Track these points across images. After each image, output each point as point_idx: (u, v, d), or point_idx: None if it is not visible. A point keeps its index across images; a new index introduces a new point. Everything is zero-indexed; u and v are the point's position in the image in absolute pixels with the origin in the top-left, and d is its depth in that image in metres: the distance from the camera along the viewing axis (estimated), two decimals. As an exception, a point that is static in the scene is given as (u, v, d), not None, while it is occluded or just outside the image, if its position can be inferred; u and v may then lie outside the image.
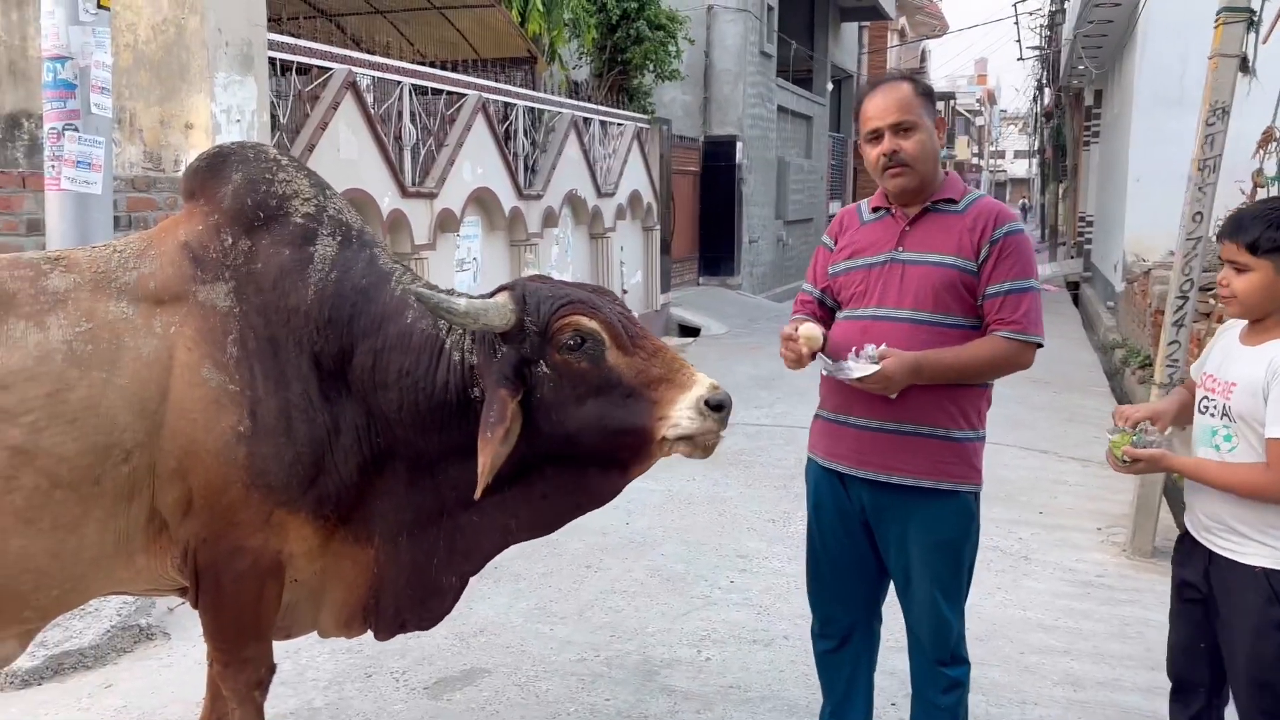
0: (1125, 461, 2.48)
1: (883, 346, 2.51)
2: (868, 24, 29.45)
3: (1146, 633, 4.20)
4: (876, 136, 2.60)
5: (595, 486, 2.53)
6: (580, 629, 4.14)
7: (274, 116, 6.57)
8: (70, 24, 3.71)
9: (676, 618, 4.26)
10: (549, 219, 10.04)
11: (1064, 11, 24.88)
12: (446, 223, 8.28)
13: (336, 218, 2.60)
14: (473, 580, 2.65)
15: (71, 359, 2.24)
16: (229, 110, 5.91)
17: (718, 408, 2.30)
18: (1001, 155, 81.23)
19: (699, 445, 2.35)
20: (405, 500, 2.56)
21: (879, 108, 2.59)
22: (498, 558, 4.64)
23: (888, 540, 2.68)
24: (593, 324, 2.36)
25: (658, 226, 13.06)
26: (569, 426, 2.36)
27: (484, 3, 9.07)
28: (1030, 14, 29.08)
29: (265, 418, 2.40)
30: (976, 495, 2.68)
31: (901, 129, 2.57)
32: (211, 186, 2.51)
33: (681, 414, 2.29)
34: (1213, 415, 2.47)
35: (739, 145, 16.34)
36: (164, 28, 5.81)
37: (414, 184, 7.88)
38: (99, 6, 3.74)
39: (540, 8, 9.87)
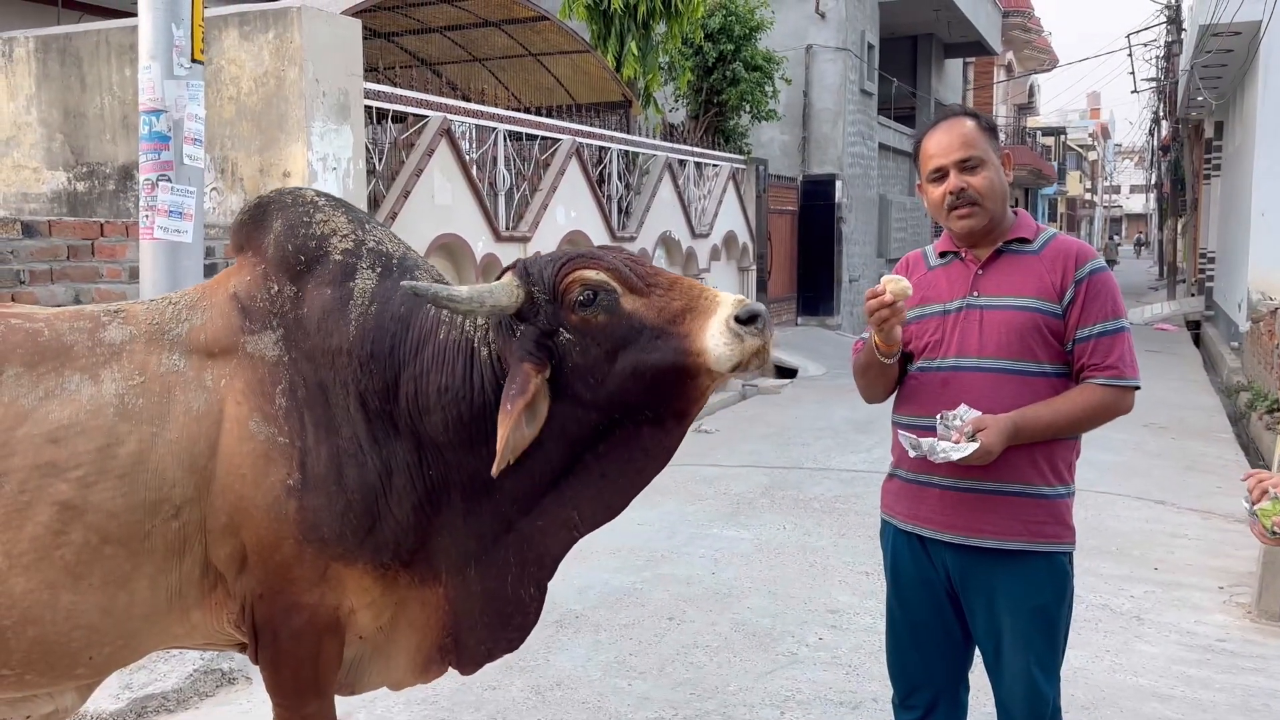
0: (1276, 534, 2.23)
1: (973, 413, 2.35)
2: (973, 60, 29.00)
3: (1274, 705, 3.86)
4: (941, 175, 2.47)
5: (654, 445, 2.40)
6: (660, 685, 4.01)
7: (370, 164, 6.71)
8: (165, 78, 3.83)
9: (760, 676, 4.09)
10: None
11: (1180, 42, 24.10)
12: (539, 266, 8.31)
13: (376, 249, 2.55)
14: (554, 631, 2.55)
15: (123, 413, 2.24)
16: (325, 158, 6.05)
17: (750, 319, 2.15)
18: (1116, 190, 78.84)
19: (749, 365, 2.20)
20: (467, 528, 2.48)
21: (941, 145, 2.47)
22: (579, 607, 4.56)
23: (975, 607, 2.49)
24: (598, 274, 2.25)
25: (754, 266, 12.95)
26: (610, 386, 2.26)
27: (579, 49, 9.16)
28: (1145, 45, 28.27)
29: (315, 468, 2.35)
30: (1070, 556, 2.50)
31: (968, 166, 2.44)
32: (256, 237, 2.51)
33: (715, 342, 2.16)
34: None
35: (838, 184, 16.15)
36: (265, 80, 5.99)
37: (508, 228, 7.95)
38: (193, 60, 3.84)
39: (635, 52, 9.93)
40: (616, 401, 2.28)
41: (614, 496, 2.48)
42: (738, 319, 2.15)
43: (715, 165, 11.80)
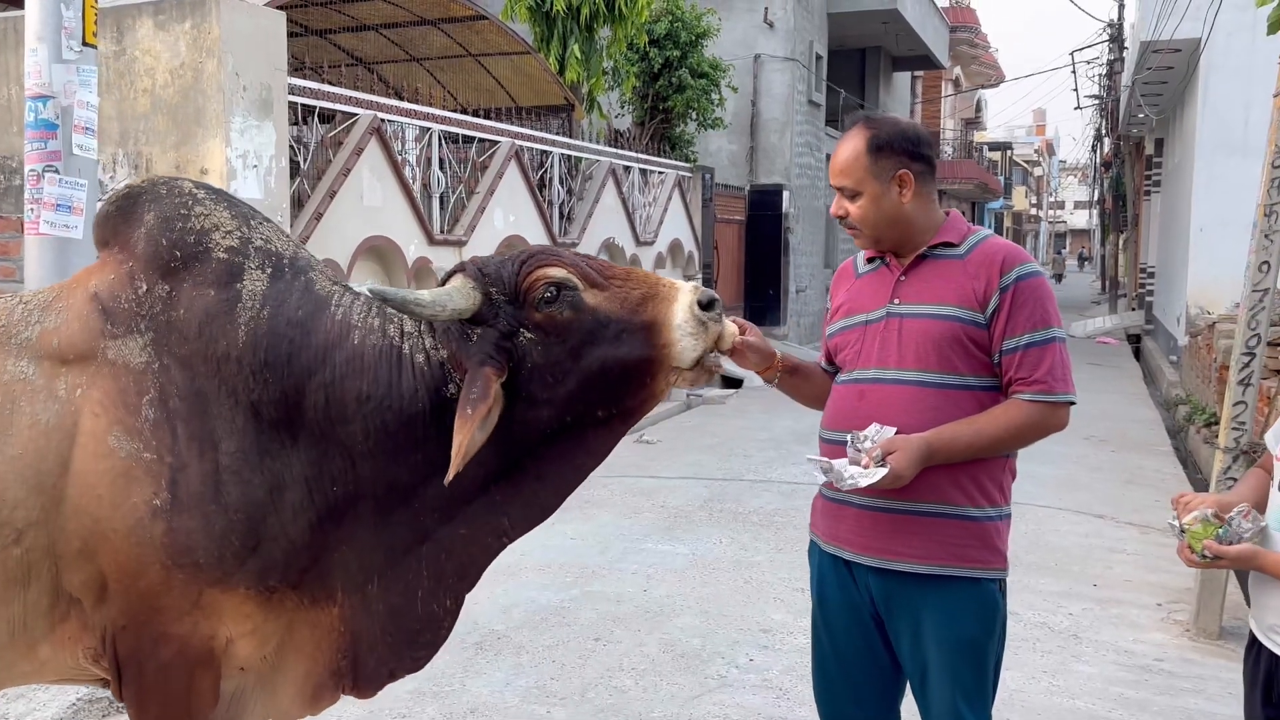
0: (1206, 557, 2.12)
1: (886, 432, 2.20)
2: (921, 74, 29.23)
3: (1212, 729, 3.76)
4: (838, 193, 2.38)
5: (597, 444, 2.32)
6: (581, 711, 3.80)
7: (295, 163, 6.45)
8: (54, 62, 3.56)
9: (687, 701, 3.91)
10: (584, 268, 9.82)
11: (1122, 60, 24.49)
12: (476, 271, 8.08)
13: (264, 248, 2.38)
14: (473, 654, 2.38)
15: None
16: (245, 155, 5.79)
17: (709, 305, 2.15)
18: (1061, 206, 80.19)
19: (709, 369, 2.21)
20: (374, 542, 2.31)
21: (833, 163, 2.37)
22: (501, 627, 4.34)
23: (900, 635, 2.33)
24: (561, 271, 2.18)
25: (700, 275, 12.81)
26: (571, 384, 2.19)
27: (520, 50, 8.96)
28: (1089, 63, 28.71)
29: (188, 486, 2.15)
30: (1000, 583, 2.32)
31: (845, 193, 2.34)
32: (124, 231, 2.29)
33: (682, 332, 2.14)
34: None
35: (786, 194, 16.10)
36: (181, 72, 5.71)
37: (442, 231, 7.72)
38: (84, 44, 3.58)
39: (579, 55, 9.74)
40: (574, 400, 2.21)
41: (549, 497, 2.37)
42: (700, 305, 2.13)
43: (661, 172, 11.65)
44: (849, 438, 2.22)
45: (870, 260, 2.44)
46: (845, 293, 2.46)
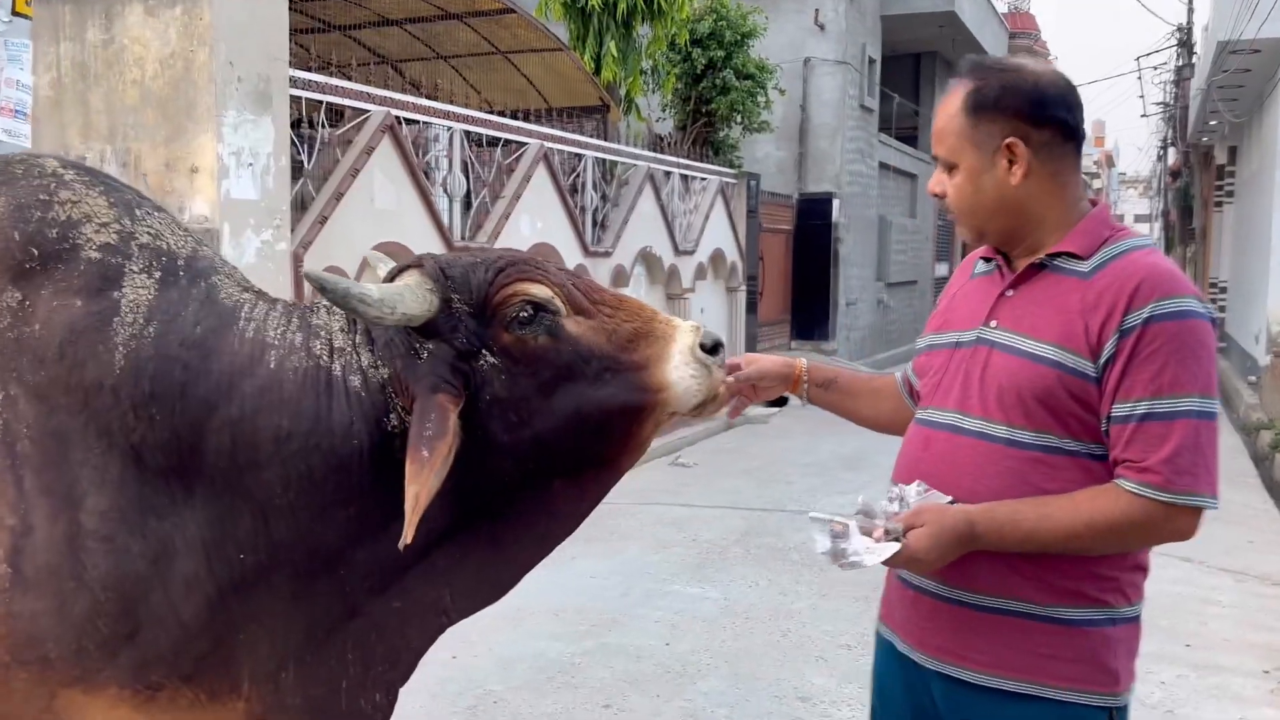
0: None
1: (932, 496, 1.64)
2: (977, 81, 28.35)
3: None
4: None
5: (566, 505, 1.89)
6: (581, 801, 3.22)
7: (299, 162, 5.96)
8: (-25, 34, 3.08)
9: (708, 790, 3.30)
10: (619, 278, 9.27)
11: (1192, 66, 23.49)
12: (500, 281, 7.56)
13: (152, 246, 1.88)
14: (462, 718, 1.88)
15: None
16: (239, 152, 5.30)
17: (714, 350, 1.83)
18: (1120, 219, 78.35)
19: (707, 407, 1.88)
20: (290, 619, 1.83)
21: (933, 127, 1.79)
22: (499, 687, 3.77)
23: None
24: (544, 289, 1.79)
25: (743, 287, 12.20)
26: (538, 426, 1.78)
27: (551, 46, 8.43)
28: (1155, 68, 27.66)
29: (36, 556, 1.69)
30: (1114, 712, 1.68)
31: (943, 165, 1.76)
32: None
33: (680, 374, 1.81)
34: None
35: (836, 202, 15.43)
36: (171, 62, 5.24)
37: (463, 238, 7.20)
38: (14, 13, 3.08)
39: (615, 54, 9.20)
40: (541, 446, 1.80)
41: (503, 571, 1.90)
42: (702, 347, 1.81)
43: (703, 178, 11.06)
44: (887, 497, 1.68)
45: (988, 260, 1.84)
46: (951, 297, 1.90)
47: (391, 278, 1.83)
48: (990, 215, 1.73)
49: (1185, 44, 25.14)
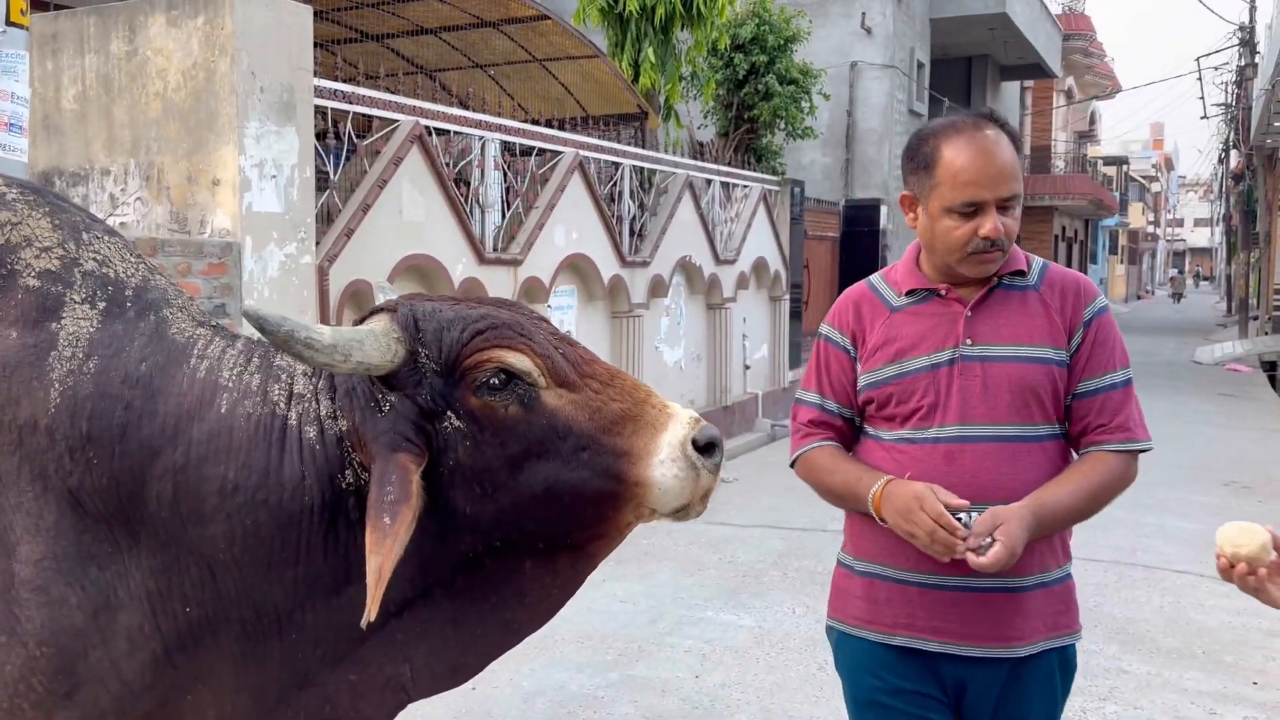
0: None
1: (980, 509, 1.85)
2: (1031, 84, 27.81)
3: None
4: (976, 210, 1.93)
5: (535, 590, 1.72)
6: None
7: (324, 174, 5.85)
8: (-31, 45, 2.98)
9: (732, 844, 3.08)
10: (657, 288, 9.07)
11: (1255, 65, 22.78)
12: (534, 293, 7.40)
13: (98, 274, 1.77)
14: None
15: None
16: (262, 164, 5.19)
17: (708, 448, 1.65)
18: (1180, 223, 76.69)
19: (693, 509, 1.70)
20: (237, 683, 1.71)
21: (983, 171, 1.92)
22: (507, 717, 3.57)
23: None
24: (524, 360, 1.64)
25: (787, 296, 11.93)
26: (501, 502, 1.64)
27: (588, 53, 8.28)
28: (1216, 69, 26.90)
29: None
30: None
31: (1008, 204, 1.95)
32: None
33: (664, 471, 1.62)
34: None
35: (883, 209, 15.10)
36: (194, 73, 5.15)
37: (495, 249, 7.05)
38: (9, 23, 2.97)
39: (653, 60, 9.02)
40: (506, 524, 1.66)
41: (465, 654, 1.72)
42: (695, 444, 1.63)
43: (744, 186, 10.83)
44: (959, 517, 1.86)
45: (910, 293, 2.04)
46: (883, 329, 2.04)
47: (363, 319, 1.68)
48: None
49: (1248, 43, 24.39)
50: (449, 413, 1.62)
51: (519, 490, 1.62)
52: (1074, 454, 2.03)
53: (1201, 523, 6.81)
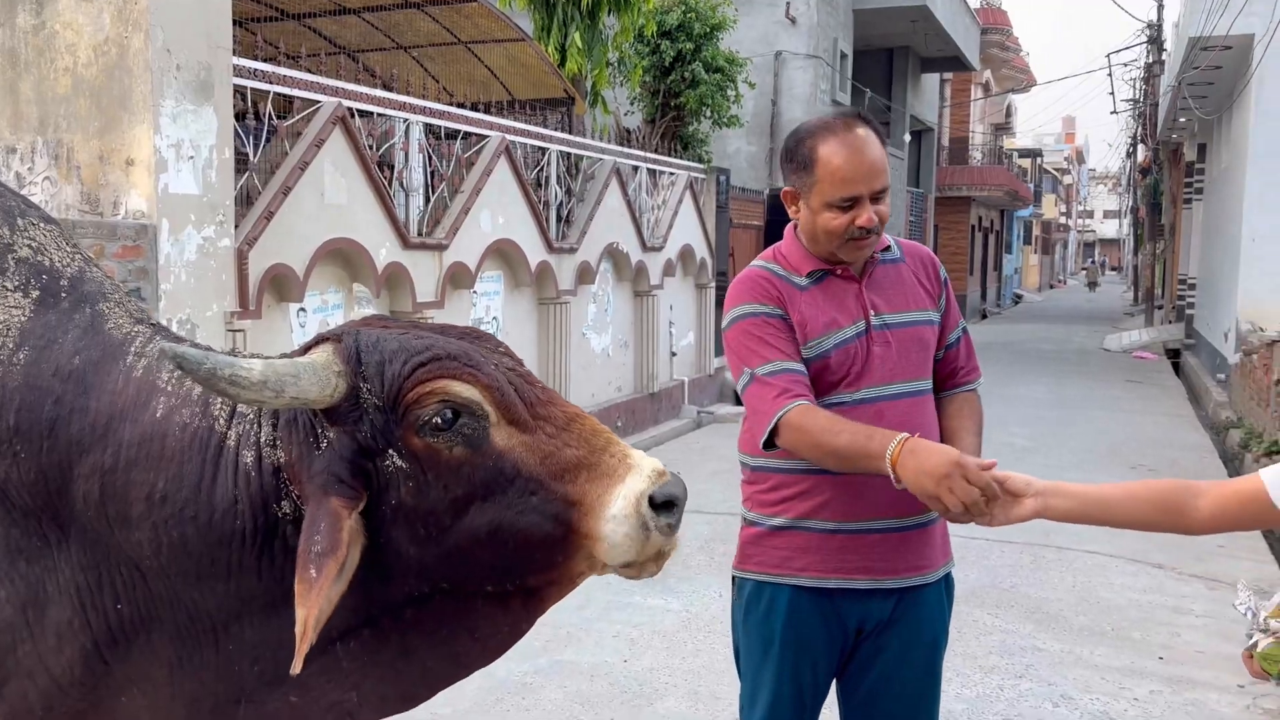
0: None
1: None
2: (950, 76, 28.33)
3: None
4: (853, 203, 2.11)
5: (487, 628, 1.66)
6: (526, 838, 3.02)
7: (244, 155, 5.71)
8: None
9: (661, 825, 3.11)
10: (584, 274, 9.06)
11: (1162, 63, 23.54)
12: (459, 278, 7.34)
13: (33, 261, 1.71)
14: None
15: None
16: (179, 144, 5.05)
17: (666, 506, 1.56)
18: (1090, 215, 78.91)
19: (645, 568, 1.62)
20: (172, 690, 1.65)
21: (858, 167, 2.11)
22: (446, 710, 3.57)
23: (885, 650, 2.24)
24: (469, 390, 1.56)
25: (713, 283, 12.01)
26: (446, 544, 1.57)
27: (514, 37, 8.20)
28: (1125, 65, 27.74)
29: None
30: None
31: (881, 194, 2.15)
32: None
33: (613, 527, 1.55)
34: None
35: (807, 198, 15.27)
36: (105, 48, 4.98)
37: (419, 234, 6.96)
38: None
39: (580, 45, 8.97)
40: (451, 566, 1.59)
41: (413, 685, 1.66)
42: (652, 500, 1.54)
43: (671, 173, 10.86)
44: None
45: (810, 273, 2.22)
46: (805, 307, 2.20)
47: (308, 348, 1.60)
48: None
49: (1155, 41, 25.18)
50: (391, 451, 1.54)
51: (464, 534, 1.55)
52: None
53: (1110, 504, 7.04)
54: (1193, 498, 1.81)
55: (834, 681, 2.30)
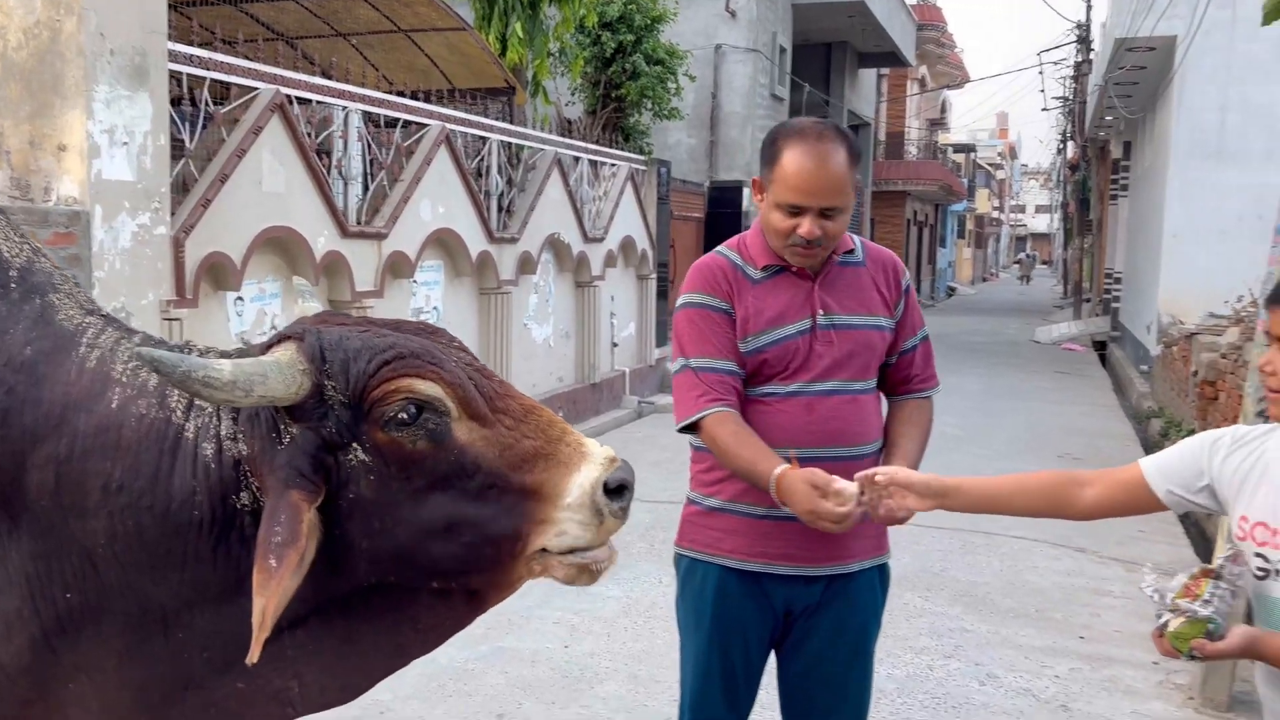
0: (1194, 657, 1.75)
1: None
2: (886, 71, 28.72)
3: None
4: (798, 211, 2.17)
5: (430, 620, 1.70)
6: (468, 819, 3.07)
7: (180, 142, 5.64)
8: None
9: (601, 804, 3.19)
10: (525, 265, 9.07)
11: (1090, 62, 24.11)
12: (399, 267, 7.31)
13: None
14: None
15: None
16: (113, 130, 4.97)
17: (618, 491, 1.63)
18: (1022, 209, 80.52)
19: (589, 569, 1.68)
20: (121, 677, 1.67)
21: (810, 181, 2.16)
22: (388, 697, 3.59)
23: (815, 634, 2.32)
24: (434, 388, 1.60)
25: (654, 275, 12.09)
26: (400, 537, 1.61)
27: (454, 26, 8.17)
28: (1055, 64, 28.37)
29: None
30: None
31: (829, 213, 2.19)
32: None
33: (569, 515, 1.62)
34: None
35: (746, 191, 15.40)
36: (36, 31, 4.89)
37: (358, 222, 6.93)
38: None
39: (521, 35, 8.97)
40: (403, 560, 1.63)
41: (355, 674, 1.70)
42: (606, 487, 1.62)
43: (612, 165, 10.90)
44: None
45: (766, 269, 2.28)
46: (752, 300, 2.26)
47: (268, 346, 1.63)
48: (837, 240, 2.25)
49: (1084, 40, 25.80)
50: (355, 446, 1.58)
51: (419, 526, 1.59)
52: (884, 399, 2.42)
53: (1037, 491, 7.27)
54: (1077, 487, 1.96)
55: (774, 660, 2.39)
